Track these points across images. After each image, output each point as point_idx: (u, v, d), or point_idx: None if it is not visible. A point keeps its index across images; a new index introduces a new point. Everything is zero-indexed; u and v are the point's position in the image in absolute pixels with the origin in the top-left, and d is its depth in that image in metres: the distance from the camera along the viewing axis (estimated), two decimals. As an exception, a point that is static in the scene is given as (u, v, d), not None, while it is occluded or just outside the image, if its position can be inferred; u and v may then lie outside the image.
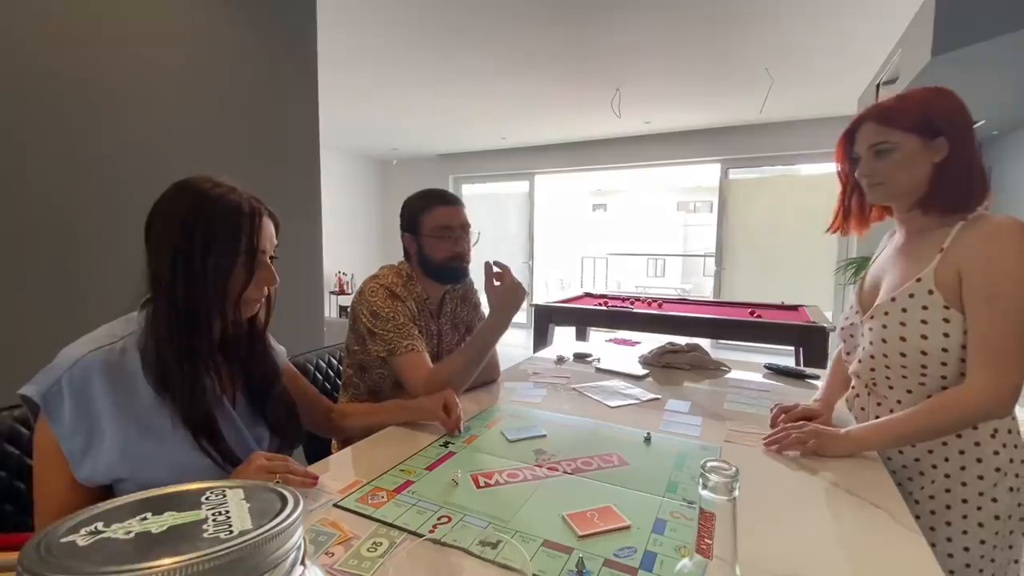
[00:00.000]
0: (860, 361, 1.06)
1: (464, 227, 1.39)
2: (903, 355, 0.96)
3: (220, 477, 0.80)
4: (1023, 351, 0.87)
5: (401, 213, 1.41)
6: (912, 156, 0.94)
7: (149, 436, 0.76)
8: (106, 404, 0.73)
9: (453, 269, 1.37)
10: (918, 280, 0.95)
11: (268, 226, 0.85)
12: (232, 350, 0.90)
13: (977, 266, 0.89)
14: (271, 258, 0.87)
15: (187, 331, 0.79)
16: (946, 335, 0.92)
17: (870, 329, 1.02)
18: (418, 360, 1.25)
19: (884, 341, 0.98)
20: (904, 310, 0.95)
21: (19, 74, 1.39)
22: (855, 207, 1.12)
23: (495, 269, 1.32)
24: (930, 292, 0.93)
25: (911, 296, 0.95)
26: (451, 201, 1.39)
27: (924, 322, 0.93)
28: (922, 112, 0.94)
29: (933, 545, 0.97)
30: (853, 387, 1.15)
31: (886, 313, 0.98)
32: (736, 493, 0.44)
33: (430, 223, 1.35)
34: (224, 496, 0.34)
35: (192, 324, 0.79)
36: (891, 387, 1.01)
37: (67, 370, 0.72)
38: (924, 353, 0.94)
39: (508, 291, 1.29)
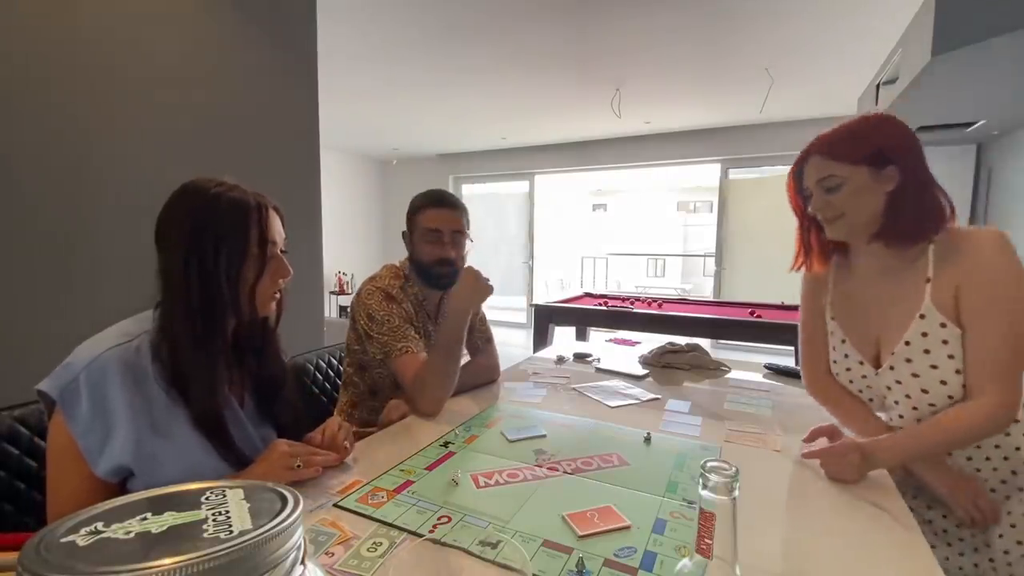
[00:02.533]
0: (902, 416, 1.00)
1: (457, 232, 1.35)
2: (950, 397, 0.92)
3: (231, 478, 0.80)
4: (1022, 364, 0.86)
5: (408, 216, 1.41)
6: (862, 188, 0.92)
7: (160, 435, 0.76)
8: (121, 402, 0.73)
9: (438, 274, 1.35)
10: (922, 317, 0.91)
11: (275, 219, 0.86)
12: (243, 351, 0.90)
13: (973, 283, 0.87)
14: (282, 252, 0.87)
15: (205, 330, 0.79)
16: None
17: (898, 382, 0.96)
18: (412, 362, 1.23)
19: (925, 392, 0.94)
20: (927, 351, 0.91)
21: (20, 75, 1.39)
22: (815, 243, 1.08)
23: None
24: (943, 325, 0.90)
25: (924, 335, 0.92)
26: (446, 204, 1.35)
27: (951, 356, 0.90)
28: (868, 142, 0.91)
29: None
30: None
31: (908, 360, 0.94)
32: (736, 493, 0.44)
33: (421, 224, 1.35)
34: (224, 496, 0.34)
35: (209, 323, 0.80)
36: None
37: (85, 367, 0.72)
38: (965, 387, 0.91)
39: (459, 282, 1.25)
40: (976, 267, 0.87)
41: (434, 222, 1.34)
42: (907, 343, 0.93)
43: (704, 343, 2.07)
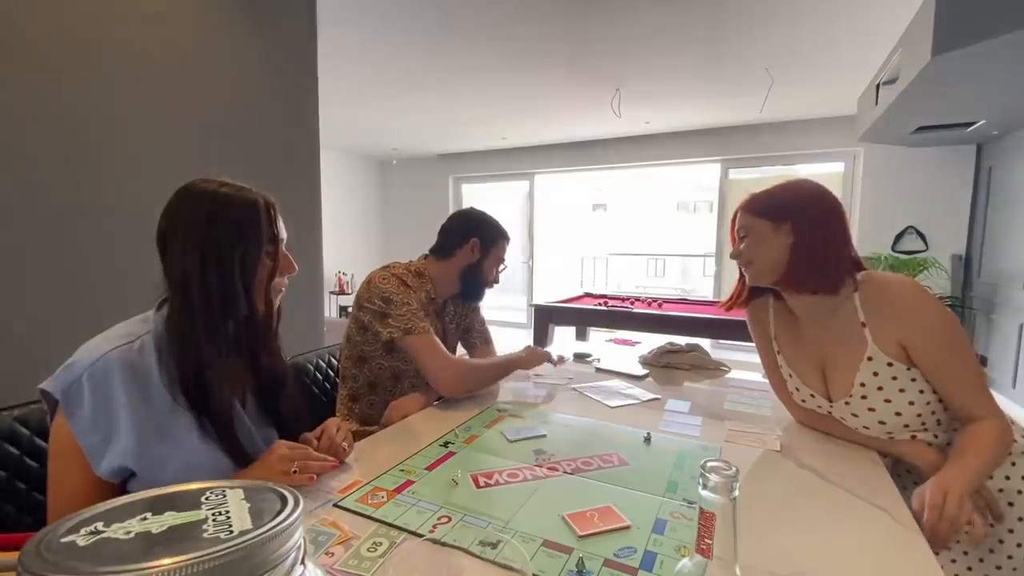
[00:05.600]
0: (867, 427, 1.06)
1: None
2: (906, 426, 1.01)
3: (231, 478, 0.80)
4: (985, 380, 0.99)
5: (474, 221, 1.51)
6: (763, 238, 1.05)
7: (164, 436, 0.76)
8: (124, 403, 0.73)
9: (484, 292, 1.57)
10: (869, 359, 1.01)
11: (278, 216, 0.88)
12: (245, 350, 0.90)
13: (917, 333, 0.97)
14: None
15: (222, 330, 0.80)
16: (922, 391, 0.99)
17: (854, 415, 1.05)
18: (436, 342, 1.31)
19: (882, 423, 1.02)
20: (880, 388, 1.01)
21: (19, 75, 1.38)
22: (739, 288, 1.21)
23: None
24: (889, 364, 1.00)
25: (875, 374, 1.01)
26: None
27: (902, 391, 1.00)
28: (769, 200, 1.06)
29: None
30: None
31: (864, 397, 1.03)
32: (736, 493, 0.44)
33: (500, 250, 1.54)
34: (224, 496, 0.34)
35: (225, 322, 0.81)
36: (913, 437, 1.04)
37: (88, 367, 0.72)
38: (920, 416, 1.00)
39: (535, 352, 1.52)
40: (916, 323, 0.97)
41: (505, 253, 1.56)
42: (862, 384, 1.02)
43: (704, 343, 2.07)
